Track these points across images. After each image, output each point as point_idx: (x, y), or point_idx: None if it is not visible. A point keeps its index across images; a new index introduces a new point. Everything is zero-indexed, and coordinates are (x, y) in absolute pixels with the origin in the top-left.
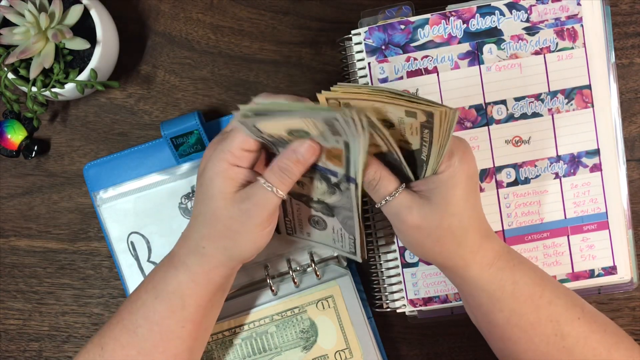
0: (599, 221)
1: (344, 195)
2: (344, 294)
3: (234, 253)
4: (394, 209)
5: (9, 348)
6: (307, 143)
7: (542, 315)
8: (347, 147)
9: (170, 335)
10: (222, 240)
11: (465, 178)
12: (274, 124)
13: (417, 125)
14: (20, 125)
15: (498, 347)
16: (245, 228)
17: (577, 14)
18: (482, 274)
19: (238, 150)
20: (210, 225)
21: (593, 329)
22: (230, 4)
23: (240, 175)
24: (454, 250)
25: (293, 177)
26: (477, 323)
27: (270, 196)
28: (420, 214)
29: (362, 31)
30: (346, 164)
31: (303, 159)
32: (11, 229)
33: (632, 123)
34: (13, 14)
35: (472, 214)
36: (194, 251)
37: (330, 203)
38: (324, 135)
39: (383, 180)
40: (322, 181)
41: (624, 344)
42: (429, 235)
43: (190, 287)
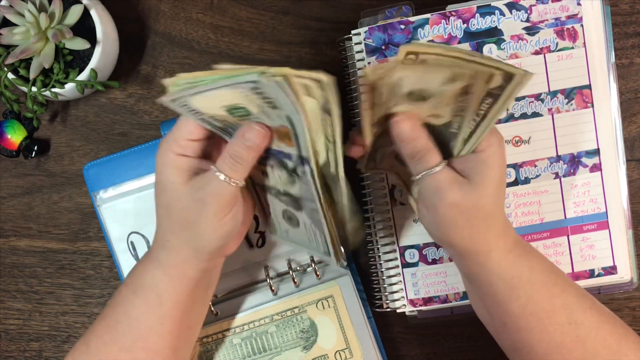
0: (599, 221)
1: (303, 182)
2: (344, 294)
3: (197, 244)
4: (435, 183)
5: (9, 348)
6: (255, 127)
7: (556, 303)
8: (291, 122)
9: (149, 332)
10: (182, 232)
11: (503, 160)
12: (206, 101)
13: (482, 93)
14: (20, 125)
15: (511, 339)
16: (202, 218)
17: (577, 14)
18: (502, 261)
19: (183, 140)
20: (168, 217)
21: (603, 319)
22: (230, 4)
23: (188, 164)
24: (483, 232)
25: (246, 165)
26: (489, 316)
27: (224, 185)
28: (460, 192)
29: (362, 31)
30: (296, 141)
31: (253, 143)
32: (11, 229)
33: (632, 123)
34: (13, 14)
35: (502, 199)
36: (162, 245)
37: (294, 194)
38: (265, 112)
39: (430, 152)
40: (281, 168)
41: (632, 337)
42: (463, 214)
43: (164, 282)
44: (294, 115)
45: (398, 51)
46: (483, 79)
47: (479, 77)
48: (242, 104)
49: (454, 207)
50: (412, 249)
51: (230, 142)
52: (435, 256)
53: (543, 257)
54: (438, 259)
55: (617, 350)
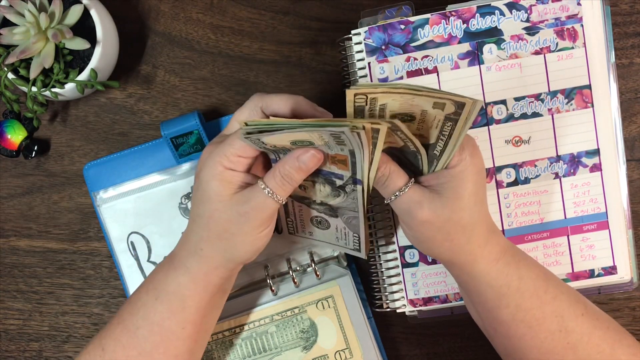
0: (599, 221)
1: (348, 197)
2: (344, 294)
3: (232, 255)
4: (404, 204)
5: (9, 348)
6: (311, 152)
7: (547, 310)
8: (352, 154)
9: (171, 337)
10: (220, 242)
11: (476, 172)
12: (279, 138)
13: (441, 117)
14: (20, 125)
15: (502, 345)
16: (242, 231)
17: (577, 14)
18: (490, 269)
19: (234, 156)
20: (208, 227)
21: (596, 325)
22: (230, 4)
23: (236, 178)
24: (463, 244)
25: (293, 184)
26: (482, 321)
27: (269, 201)
28: (430, 208)
29: (362, 31)
30: (352, 167)
31: (305, 166)
32: (11, 229)
33: (632, 123)
34: (13, 14)
35: (481, 209)
36: (192, 253)
37: (333, 205)
38: (328, 145)
39: (392, 175)
40: (326, 184)
41: (627, 341)
42: (439, 230)
43: (190, 289)
44: (357, 150)
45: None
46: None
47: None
48: (310, 139)
49: (427, 224)
50: (412, 249)
51: (283, 161)
52: None
53: (535, 263)
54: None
55: (610, 355)
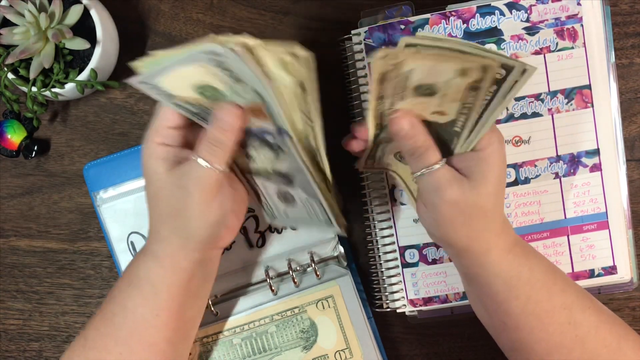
0: (599, 221)
1: (289, 156)
2: (344, 294)
3: (187, 233)
4: (434, 181)
5: (9, 348)
6: (226, 107)
7: (556, 302)
8: (261, 96)
9: (145, 324)
10: (171, 220)
11: (503, 159)
12: (174, 80)
13: (488, 85)
14: (20, 125)
15: (510, 339)
16: (188, 205)
17: (577, 14)
18: (501, 260)
19: (163, 128)
20: (157, 208)
21: (602, 319)
22: (230, 4)
23: (170, 153)
24: (481, 231)
25: (224, 148)
26: (489, 316)
27: (205, 171)
28: (460, 190)
29: (362, 31)
30: (270, 115)
31: (227, 125)
32: (11, 229)
33: (632, 123)
34: (13, 14)
35: (502, 197)
36: (154, 237)
37: (283, 170)
38: (234, 90)
39: (430, 150)
40: (264, 146)
41: (632, 337)
42: (462, 213)
43: (158, 273)
44: (260, 88)
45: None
46: (491, 73)
47: (488, 71)
48: (210, 82)
49: (453, 204)
50: (412, 249)
51: (208, 127)
52: (435, 256)
53: (543, 257)
54: (438, 259)
55: (617, 349)
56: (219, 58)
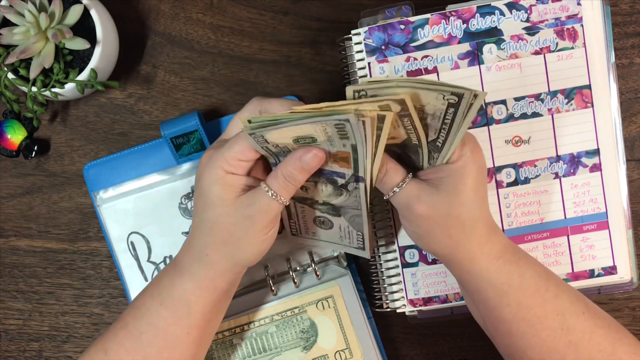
0: (599, 221)
1: (351, 195)
2: (344, 294)
3: (238, 259)
4: (403, 199)
5: (9, 348)
6: (313, 151)
7: (548, 308)
8: (355, 150)
9: (176, 342)
10: (226, 247)
11: (476, 169)
12: (282, 133)
13: (442, 109)
14: (20, 125)
15: (504, 344)
16: (248, 234)
17: (577, 14)
18: (490, 267)
19: (234, 160)
20: (212, 233)
21: (597, 323)
22: (230, 4)
23: (238, 182)
24: (462, 241)
25: (296, 184)
26: (483, 320)
27: (272, 203)
28: (428, 202)
29: (362, 31)
30: (354, 165)
31: (308, 166)
32: (11, 229)
33: (632, 123)
34: (13, 14)
35: (481, 206)
36: (198, 259)
37: (336, 204)
38: (330, 140)
39: (390, 172)
40: (328, 184)
41: (627, 340)
42: (438, 225)
43: (195, 294)
44: (360, 145)
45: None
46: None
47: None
48: (313, 135)
49: (425, 218)
50: (412, 249)
51: (285, 162)
52: None
53: (535, 262)
54: (438, 259)
55: (611, 353)
56: (345, 125)
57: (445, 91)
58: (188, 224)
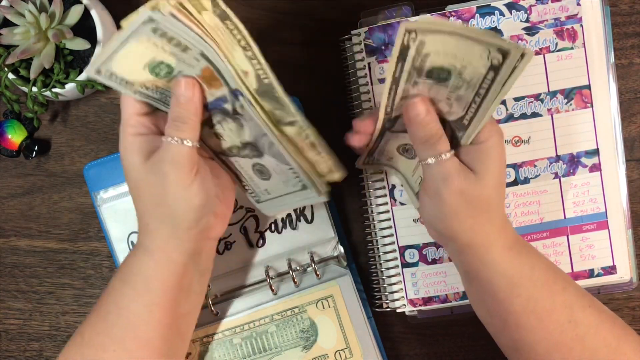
0: (599, 221)
1: (247, 120)
2: (344, 294)
3: (173, 220)
4: (443, 170)
5: (9, 348)
6: (180, 80)
7: (557, 301)
8: (207, 59)
9: (138, 320)
10: (156, 210)
11: (503, 152)
12: (125, 63)
13: (482, 74)
14: (20, 125)
15: (510, 338)
16: (167, 189)
17: (577, 14)
18: (503, 257)
19: (131, 117)
20: (139, 199)
21: (603, 318)
22: (230, 4)
23: (144, 143)
24: (484, 225)
25: (189, 122)
26: (489, 315)
27: (177, 148)
28: (467, 180)
29: (362, 31)
30: (222, 78)
31: (186, 98)
32: (11, 229)
33: (632, 123)
34: (13, 14)
35: (503, 193)
36: (144, 231)
37: (250, 140)
38: (182, 60)
39: (441, 138)
40: (226, 118)
41: (632, 337)
42: (468, 204)
43: (150, 267)
44: (204, 47)
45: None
46: (483, 57)
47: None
48: (159, 58)
49: (460, 194)
50: (412, 249)
51: (170, 107)
52: (435, 256)
53: (542, 256)
54: (438, 259)
55: (616, 348)
56: (157, 25)
57: (492, 45)
58: None
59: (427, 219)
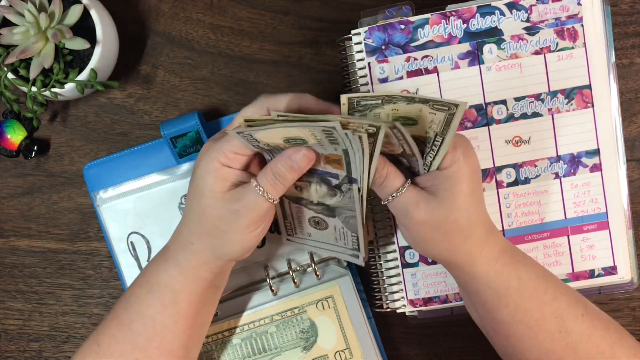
0: (599, 221)
1: (345, 196)
2: (344, 294)
3: (221, 252)
4: (402, 205)
5: (8, 348)
6: (302, 152)
7: (546, 311)
8: (346, 153)
9: (164, 330)
10: (210, 238)
11: (470, 172)
12: (271, 134)
13: (437, 119)
14: (20, 125)
15: (502, 345)
16: (233, 229)
17: (577, 14)
18: (489, 270)
19: (231, 152)
20: (199, 223)
21: (596, 325)
22: (230, 4)
23: (231, 175)
24: (461, 244)
25: (286, 183)
26: (481, 321)
27: (260, 200)
28: (427, 209)
29: (362, 31)
30: (347, 167)
31: (297, 166)
32: (11, 229)
33: (632, 123)
34: (13, 13)
35: (478, 209)
36: (183, 247)
37: (331, 204)
38: (321, 143)
39: (390, 176)
40: (322, 184)
41: (627, 342)
42: (437, 230)
43: (180, 282)
44: (352, 150)
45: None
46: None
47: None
48: (302, 137)
49: (424, 224)
50: (412, 249)
51: (276, 160)
52: None
53: (534, 263)
54: None
55: (610, 355)
56: (332, 131)
57: (435, 106)
58: None
59: (408, 243)
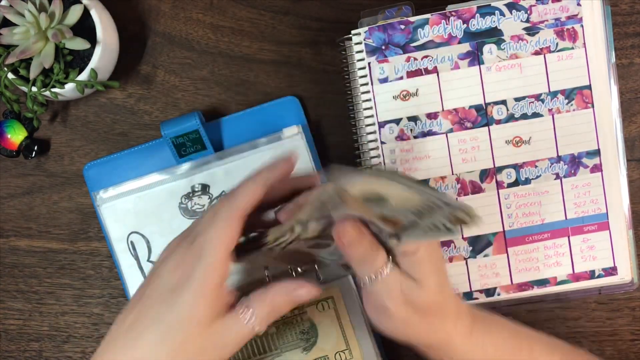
0: (600, 222)
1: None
2: (344, 296)
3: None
4: (387, 286)
5: (8, 348)
6: (306, 288)
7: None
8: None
9: None
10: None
11: (435, 255)
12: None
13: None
14: (20, 125)
15: None
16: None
17: (577, 14)
18: (465, 344)
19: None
20: (172, 354)
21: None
22: (230, 4)
23: (223, 295)
24: (438, 325)
25: (279, 316)
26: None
27: (247, 331)
28: (409, 290)
29: (362, 31)
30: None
31: (299, 300)
32: (11, 229)
33: (632, 123)
34: (13, 13)
35: (448, 285)
36: (131, 344)
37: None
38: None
39: (376, 252)
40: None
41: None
42: (417, 311)
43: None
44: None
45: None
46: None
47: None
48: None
49: (407, 305)
50: None
51: (275, 289)
52: None
53: (504, 323)
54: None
55: None
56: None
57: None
58: (188, 223)
59: (380, 330)
